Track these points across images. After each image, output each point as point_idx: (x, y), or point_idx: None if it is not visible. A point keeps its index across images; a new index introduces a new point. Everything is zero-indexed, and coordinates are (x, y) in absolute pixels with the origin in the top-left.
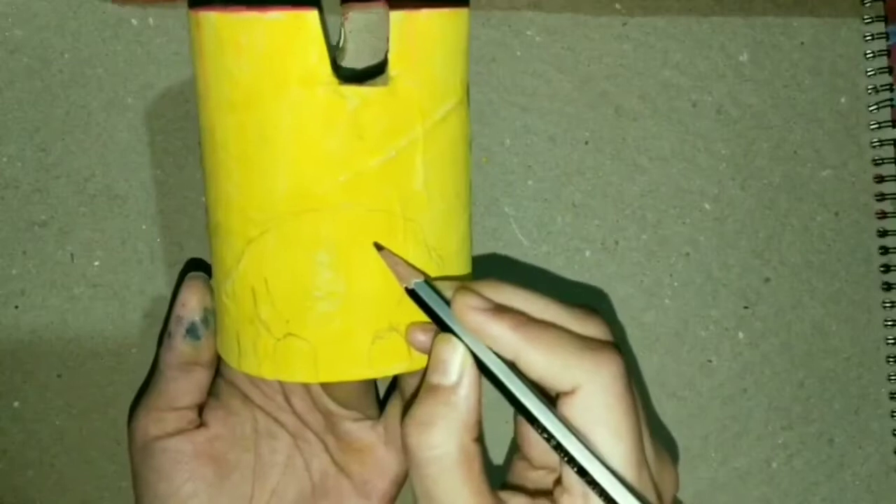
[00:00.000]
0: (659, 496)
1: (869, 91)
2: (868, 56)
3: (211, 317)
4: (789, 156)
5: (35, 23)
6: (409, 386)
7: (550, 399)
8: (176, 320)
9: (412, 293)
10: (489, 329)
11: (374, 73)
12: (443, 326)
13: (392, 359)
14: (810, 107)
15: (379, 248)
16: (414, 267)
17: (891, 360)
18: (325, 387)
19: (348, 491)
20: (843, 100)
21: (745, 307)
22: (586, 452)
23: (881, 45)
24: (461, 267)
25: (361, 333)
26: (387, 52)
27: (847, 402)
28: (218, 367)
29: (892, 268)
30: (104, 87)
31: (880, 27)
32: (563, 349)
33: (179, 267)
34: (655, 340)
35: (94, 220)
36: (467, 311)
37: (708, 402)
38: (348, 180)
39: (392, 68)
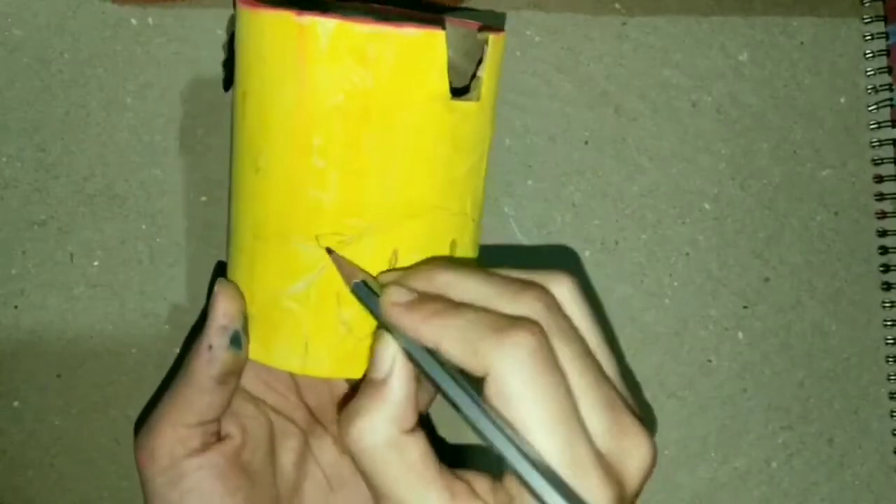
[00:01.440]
0: (615, 470)
1: (868, 91)
2: (868, 56)
3: (247, 324)
4: (789, 156)
5: (35, 23)
6: None
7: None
8: (219, 331)
9: (354, 292)
10: (405, 322)
11: (462, 89)
12: (381, 323)
13: None
14: (810, 106)
15: (329, 251)
16: (358, 267)
17: (890, 359)
18: None
19: (359, 478)
20: (842, 99)
21: (745, 307)
22: (501, 438)
23: (881, 44)
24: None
25: None
26: (478, 69)
27: (847, 402)
28: None
29: (892, 267)
30: (104, 87)
31: (880, 27)
32: (474, 333)
33: (179, 267)
34: (655, 340)
35: (94, 219)
36: (388, 307)
37: (708, 401)
38: (442, 187)
39: (484, 85)
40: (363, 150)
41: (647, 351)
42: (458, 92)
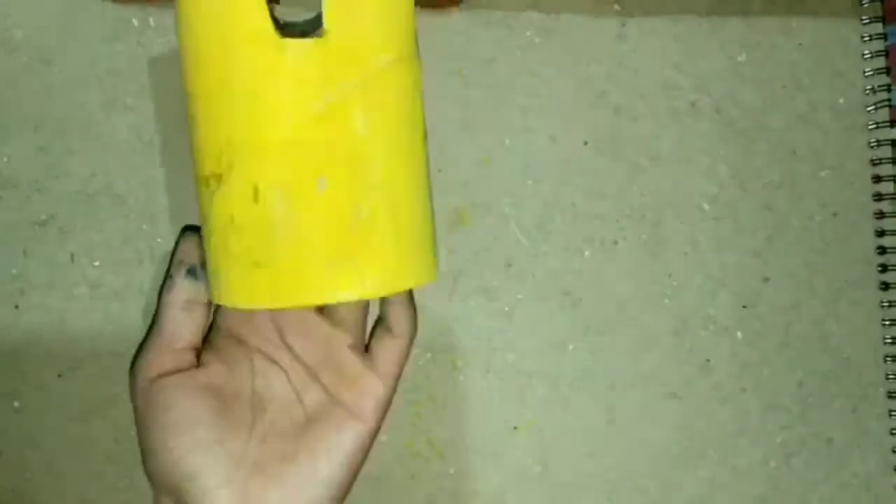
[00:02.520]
0: None
1: (867, 91)
2: (866, 56)
3: (205, 265)
4: (788, 156)
5: (35, 23)
6: (391, 314)
7: None
8: (177, 264)
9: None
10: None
11: (316, 24)
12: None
13: (346, 286)
14: (809, 107)
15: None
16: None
17: (889, 359)
18: (329, 311)
19: (340, 415)
20: (841, 100)
21: (744, 307)
22: None
23: (879, 45)
24: (416, 203)
25: (316, 261)
26: (322, 6)
27: (846, 402)
28: (214, 319)
29: (890, 267)
30: (104, 86)
31: (878, 28)
32: None
33: None
34: (655, 340)
35: (95, 219)
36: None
37: (707, 401)
38: (295, 123)
39: (326, 21)
40: (212, 91)
41: (647, 351)
42: (305, 29)
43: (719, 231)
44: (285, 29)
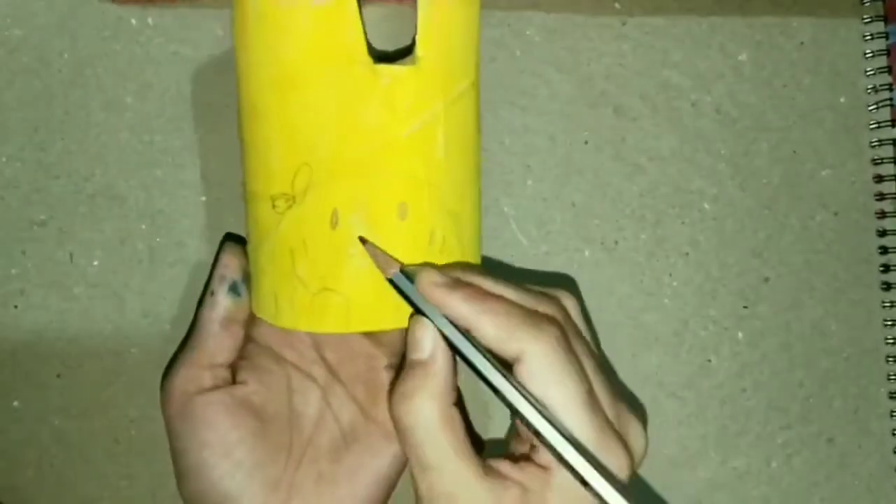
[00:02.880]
0: (624, 444)
1: (868, 91)
2: (867, 56)
3: (248, 279)
4: (789, 156)
5: (34, 22)
6: None
7: (510, 368)
8: (219, 279)
9: (391, 282)
10: (445, 300)
11: (403, 54)
12: (418, 310)
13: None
14: (810, 107)
15: (363, 240)
16: (392, 257)
17: (890, 359)
18: (373, 333)
19: (376, 435)
20: (842, 99)
21: (745, 307)
22: (533, 412)
23: (880, 44)
24: (474, 227)
25: (389, 288)
26: (415, 34)
27: (847, 402)
28: (250, 333)
29: (892, 267)
30: (103, 86)
31: (879, 27)
32: (509, 318)
33: (179, 267)
34: (655, 340)
35: (94, 219)
36: (428, 286)
37: (707, 401)
38: (380, 149)
39: (419, 49)
40: (294, 114)
41: (647, 351)
42: (396, 57)
43: (719, 231)
44: (376, 56)
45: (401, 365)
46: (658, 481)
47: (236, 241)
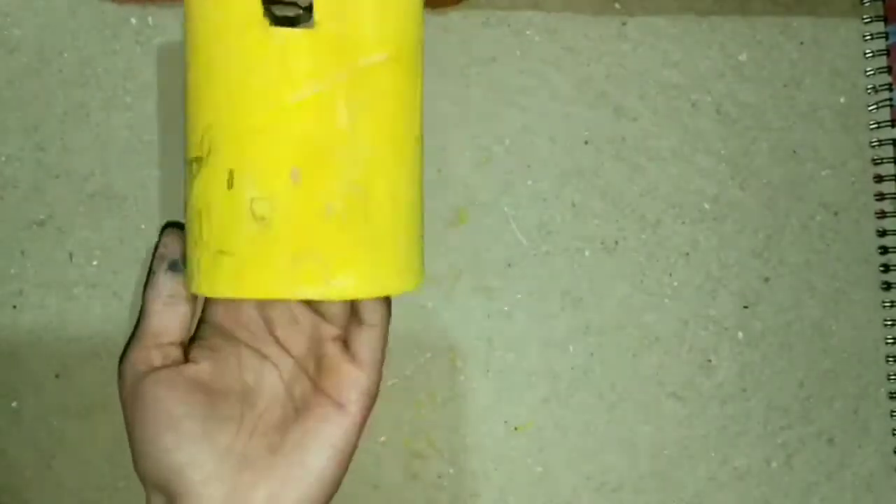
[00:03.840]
0: None
1: (868, 91)
2: (867, 56)
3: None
4: (789, 155)
5: (34, 22)
6: (361, 305)
7: None
8: (158, 258)
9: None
10: None
11: (307, 19)
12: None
13: (311, 282)
14: (810, 106)
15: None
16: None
17: (890, 359)
18: (315, 303)
19: (327, 406)
20: (842, 99)
21: (745, 307)
22: None
23: (880, 44)
24: (391, 207)
25: (283, 255)
26: None
27: (847, 402)
28: (203, 313)
29: (892, 267)
30: (103, 86)
31: (879, 27)
32: None
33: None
34: (655, 340)
35: (93, 219)
36: None
37: (707, 401)
38: (276, 113)
39: (316, 13)
40: (198, 76)
41: (647, 351)
42: (296, 22)
43: (719, 231)
44: (278, 20)
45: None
46: (658, 481)
47: (179, 227)
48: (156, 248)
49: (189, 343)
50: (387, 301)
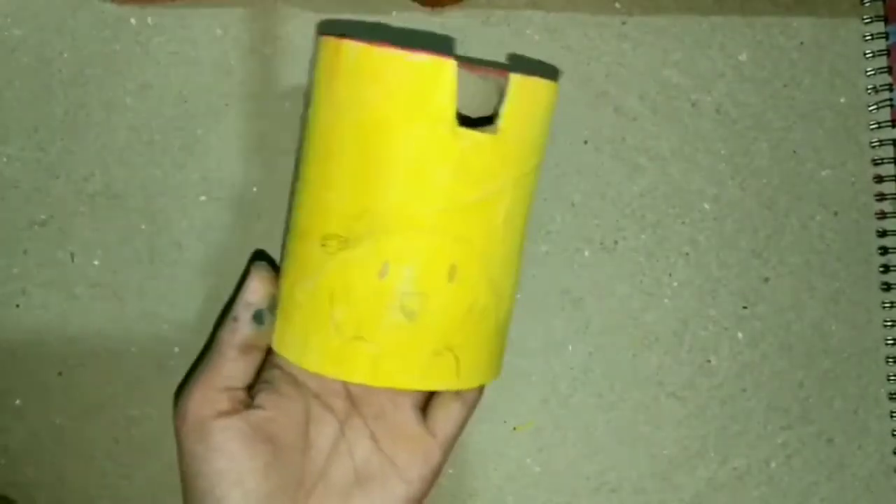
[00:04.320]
0: None
1: (868, 91)
2: (867, 56)
3: (273, 308)
4: (789, 156)
5: (34, 22)
6: (470, 391)
7: None
8: (245, 305)
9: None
10: None
11: (482, 122)
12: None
13: (443, 375)
14: (810, 107)
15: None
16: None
17: (890, 360)
18: None
19: (391, 475)
20: (842, 100)
21: (745, 307)
22: None
23: (881, 44)
24: (510, 302)
25: (423, 348)
26: (498, 105)
27: (846, 402)
28: (273, 357)
29: (892, 268)
30: (103, 86)
31: (880, 27)
32: None
33: (179, 267)
34: (655, 340)
35: (94, 219)
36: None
37: (707, 402)
38: (445, 209)
39: (504, 121)
40: (369, 159)
41: (647, 351)
42: (477, 123)
43: (719, 231)
44: (463, 120)
45: (425, 406)
46: (658, 481)
47: (266, 261)
48: (239, 286)
49: (254, 383)
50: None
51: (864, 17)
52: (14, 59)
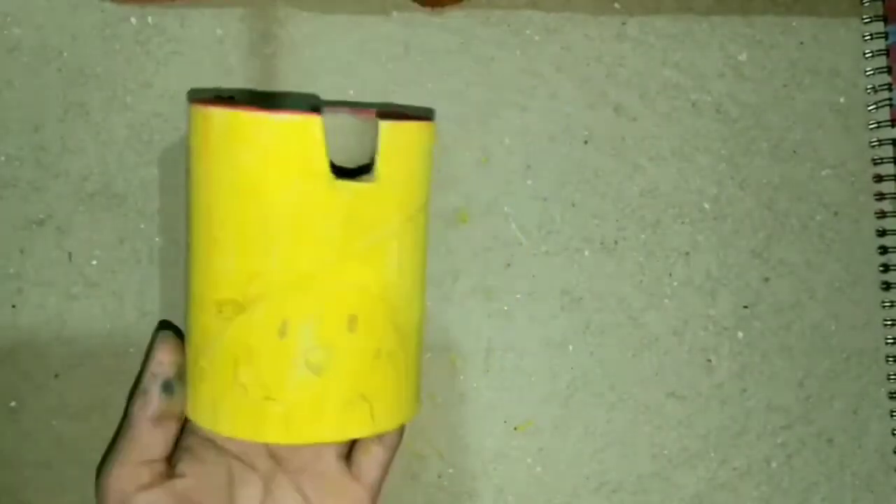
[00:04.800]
0: None
1: (868, 91)
2: (867, 56)
3: (182, 376)
4: (788, 155)
5: (34, 22)
6: (389, 434)
7: None
8: (151, 378)
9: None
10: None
11: (362, 169)
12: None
13: (358, 423)
14: (809, 106)
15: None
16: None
17: (890, 359)
18: None
19: None
20: (842, 99)
21: (745, 307)
22: None
23: (880, 44)
24: (417, 342)
25: (333, 400)
26: (374, 152)
27: (847, 402)
28: (190, 424)
29: (892, 267)
30: (103, 86)
31: (879, 27)
32: None
33: (178, 267)
34: (655, 340)
35: (93, 219)
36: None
37: (707, 401)
38: (336, 261)
39: (381, 167)
40: (251, 222)
41: (647, 351)
42: (357, 172)
43: (719, 231)
44: (338, 171)
45: (349, 453)
46: (658, 481)
47: (172, 329)
48: (145, 358)
49: (173, 451)
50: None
51: (864, 16)
52: (14, 58)
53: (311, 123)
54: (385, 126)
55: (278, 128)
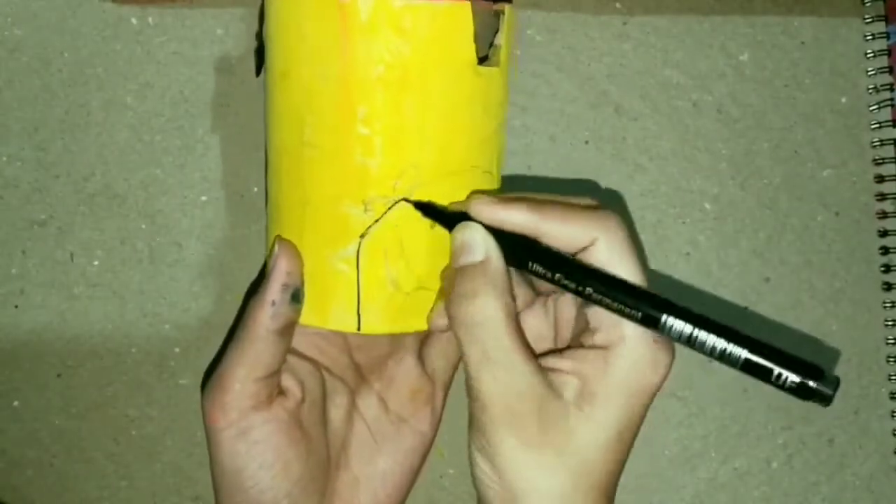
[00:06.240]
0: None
1: (869, 91)
2: (868, 56)
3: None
4: (789, 155)
5: (35, 22)
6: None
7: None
8: (282, 288)
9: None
10: (508, 215)
11: (483, 57)
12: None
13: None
14: (811, 106)
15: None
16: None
17: (891, 360)
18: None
19: (404, 430)
20: (843, 99)
21: (745, 307)
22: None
23: (881, 44)
24: None
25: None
26: (493, 39)
27: (847, 402)
28: None
29: (893, 268)
30: (103, 86)
31: (881, 27)
32: (574, 215)
33: (179, 267)
34: None
35: (94, 219)
36: (484, 207)
37: (708, 402)
38: (474, 146)
39: (503, 53)
40: (404, 115)
41: None
42: (481, 59)
43: (720, 231)
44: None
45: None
46: (658, 481)
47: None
48: (266, 268)
49: None
50: None
51: (865, 16)
52: (14, 59)
53: (465, 8)
54: (508, 9)
55: (434, 15)
